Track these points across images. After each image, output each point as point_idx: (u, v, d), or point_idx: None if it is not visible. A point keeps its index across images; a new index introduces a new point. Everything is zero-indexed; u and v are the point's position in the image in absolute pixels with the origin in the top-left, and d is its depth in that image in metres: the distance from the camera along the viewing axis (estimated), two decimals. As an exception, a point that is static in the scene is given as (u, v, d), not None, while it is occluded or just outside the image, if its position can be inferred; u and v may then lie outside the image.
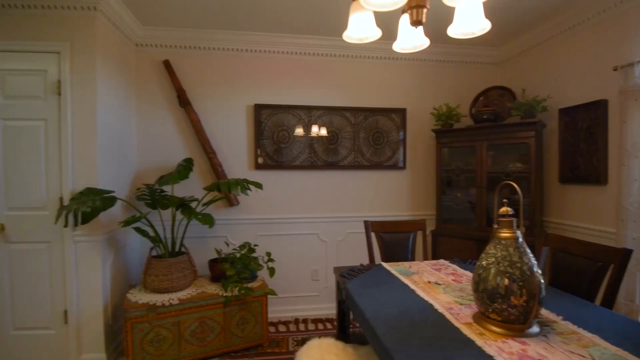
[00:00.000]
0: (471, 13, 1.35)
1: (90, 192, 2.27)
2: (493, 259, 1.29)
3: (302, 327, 3.11)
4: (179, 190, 2.92)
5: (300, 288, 3.36)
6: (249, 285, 2.65)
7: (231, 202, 3.09)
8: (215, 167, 3.03)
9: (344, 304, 2.00)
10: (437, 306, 1.45)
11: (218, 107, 3.15)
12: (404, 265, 2.10)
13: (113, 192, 2.39)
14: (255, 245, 2.85)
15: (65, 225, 2.15)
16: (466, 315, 1.37)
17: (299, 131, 3.22)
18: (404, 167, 3.46)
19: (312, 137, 3.27)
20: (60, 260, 2.41)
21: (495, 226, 1.36)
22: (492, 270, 1.26)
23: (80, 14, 2.36)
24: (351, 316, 2.04)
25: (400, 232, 2.50)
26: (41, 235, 2.39)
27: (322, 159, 3.33)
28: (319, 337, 1.72)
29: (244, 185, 2.49)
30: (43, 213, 2.38)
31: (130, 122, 2.94)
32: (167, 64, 2.98)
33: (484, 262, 1.31)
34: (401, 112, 3.42)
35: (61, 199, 2.37)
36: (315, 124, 3.26)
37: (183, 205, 2.52)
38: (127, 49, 2.86)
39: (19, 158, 2.36)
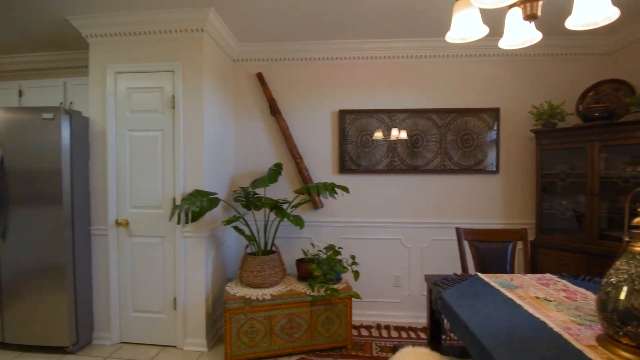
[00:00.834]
0: (595, 0, 1.21)
1: (198, 194, 2.55)
2: (626, 276, 1.13)
3: (384, 333, 3.07)
4: (267, 192, 3.12)
5: (382, 293, 3.33)
6: (335, 286, 2.71)
7: (316, 205, 3.20)
8: (301, 171, 3.17)
9: (437, 313, 1.92)
10: (551, 324, 1.32)
11: (305, 114, 3.29)
12: (504, 277, 1.95)
13: (216, 194, 2.65)
14: (339, 247, 2.91)
15: (178, 223, 2.44)
16: (588, 337, 1.23)
17: (380, 135, 3.20)
18: (496, 171, 3.22)
19: (395, 140, 3.23)
20: (171, 253, 2.74)
21: (627, 239, 1.20)
22: (625, 289, 1.11)
23: (191, 36, 2.68)
24: (446, 327, 1.96)
25: (496, 242, 2.33)
26: (157, 231, 2.75)
27: (406, 162, 3.26)
28: (412, 345, 1.68)
29: (332, 188, 2.56)
30: (159, 211, 2.74)
31: (228, 131, 3.23)
32: (259, 76, 3.21)
33: (613, 279, 1.16)
34: (494, 112, 3.19)
35: (174, 200, 2.70)
36: (398, 127, 3.21)
37: (276, 207, 2.68)
38: (226, 64, 3.15)
39: (141, 164, 2.75)
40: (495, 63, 3.21)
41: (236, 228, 2.73)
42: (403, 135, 3.20)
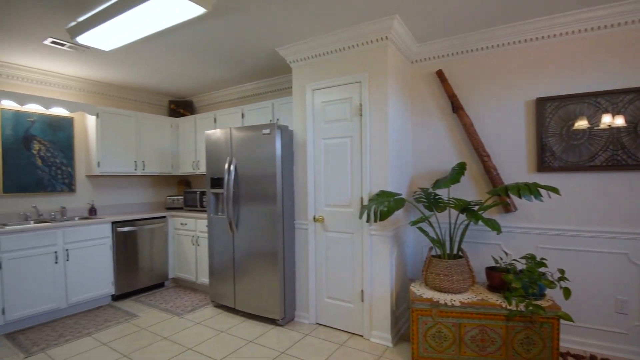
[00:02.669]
0: None
1: (383, 194, 2.67)
2: None
3: (607, 369, 2.47)
4: (446, 193, 2.99)
5: (598, 319, 2.69)
6: (538, 302, 2.36)
7: (508, 208, 2.87)
8: (489, 170, 2.91)
9: None
10: None
11: (492, 108, 3.01)
12: None
13: (401, 194, 2.72)
14: (542, 259, 2.51)
15: (368, 221, 2.62)
16: None
17: (599, 122, 2.59)
18: None
19: (619, 127, 2.56)
20: (359, 248, 2.97)
21: None
22: None
23: (376, 46, 2.84)
24: None
25: None
26: (347, 227, 3.03)
27: (635, 156, 2.55)
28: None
29: (535, 189, 2.24)
30: (348, 210, 3.01)
31: (407, 132, 3.27)
32: (439, 74, 3.13)
33: None
34: None
35: (361, 199, 2.92)
36: (622, 113, 2.54)
37: (467, 208, 2.55)
38: (404, 67, 3.21)
39: (333, 167, 3.09)
40: None
41: (420, 229, 2.72)
42: (619, 121, 2.51)
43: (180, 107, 5.23)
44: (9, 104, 3.67)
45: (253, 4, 2.50)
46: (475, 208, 2.74)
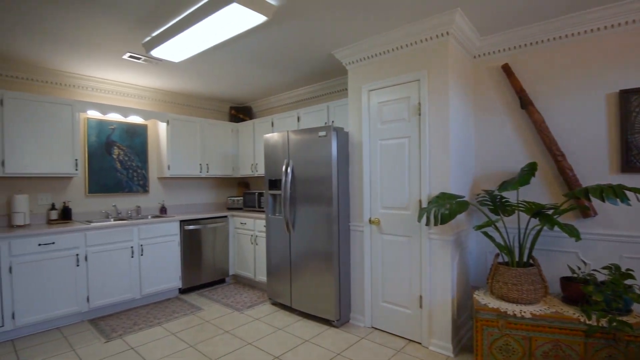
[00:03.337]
0: None
1: (444, 197, 2.57)
2: None
3: None
4: (512, 196, 2.78)
5: None
6: (623, 318, 2.10)
7: (587, 213, 2.60)
8: (564, 171, 2.66)
9: None
10: None
11: (566, 102, 2.75)
12: None
13: (464, 197, 2.59)
14: (628, 269, 2.24)
15: (427, 224, 2.54)
16: None
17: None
18: None
19: None
20: (417, 253, 2.88)
21: None
22: None
23: (436, 42, 2.74)
24: None
25: None
26: (404, 230, 2.96)
27: None
28: None
29: (621, 192, 2.01)
30: (406, 212, 2.93)
31: (469, 130, 3.11)
32: (506, 68, 2.93)
33: None
34: None
35: (420, 202, 2.83)
36: None
37: (540, 213, 2.35)
38: (466, 63, 3.06)
39: (390, 168, 3.03)
40: None
41: (486, 234, 2.57)
42: None
43: (240, 112, 5.49)
44: (94, 114, 4.13)
45: (312, 10, 2.55)
46: (550, 212, 2.51)
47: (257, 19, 2.46)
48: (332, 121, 3.92)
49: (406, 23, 2.77)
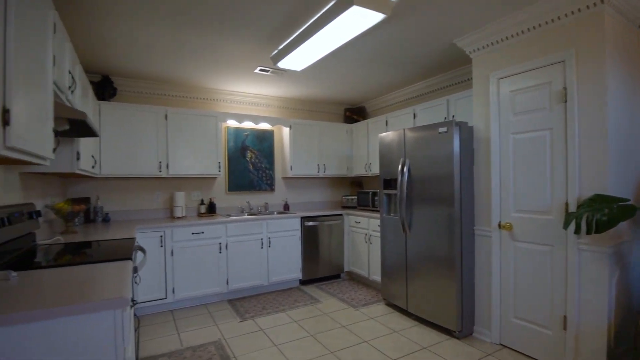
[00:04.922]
0: None
1: (600, 199, 2.12)
2: None
3: None
4: None
5: None
6: None
7: None
8: None
9: None
10: None
11: None
12: None
13: (629, 200, 2.09)
14: None
15: (577, 232, 2.13)
16: None
17: None
18: None
19: None
20: (562, 265, 2.44)
21: None
22: None
23: (585, 14, 2.29)
24: None
25: None
26: (544, 238, 2.55)
27: None
28: None
29: None
30: (547, 217, 2.52)
31: (634, 119, 2.50)
32: (696, 34, 2.26)
33: None
34: None
35: (566, 205, 2.40)
36: None
37: None
38: (629, 35, 2.46)
39: (526, 166, 2.65)
40: None
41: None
42: None
43: (354, 113, 5.60)
44: (232, 123, 4.78)
45: (433, 1, 2.42)
46: None
47: (376, 17, 2.45)
48: (453, 116, 3.64)
49: (545, -3, 2.38)
